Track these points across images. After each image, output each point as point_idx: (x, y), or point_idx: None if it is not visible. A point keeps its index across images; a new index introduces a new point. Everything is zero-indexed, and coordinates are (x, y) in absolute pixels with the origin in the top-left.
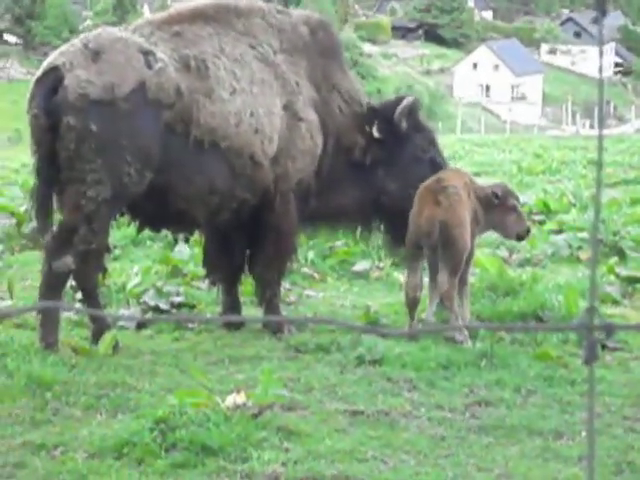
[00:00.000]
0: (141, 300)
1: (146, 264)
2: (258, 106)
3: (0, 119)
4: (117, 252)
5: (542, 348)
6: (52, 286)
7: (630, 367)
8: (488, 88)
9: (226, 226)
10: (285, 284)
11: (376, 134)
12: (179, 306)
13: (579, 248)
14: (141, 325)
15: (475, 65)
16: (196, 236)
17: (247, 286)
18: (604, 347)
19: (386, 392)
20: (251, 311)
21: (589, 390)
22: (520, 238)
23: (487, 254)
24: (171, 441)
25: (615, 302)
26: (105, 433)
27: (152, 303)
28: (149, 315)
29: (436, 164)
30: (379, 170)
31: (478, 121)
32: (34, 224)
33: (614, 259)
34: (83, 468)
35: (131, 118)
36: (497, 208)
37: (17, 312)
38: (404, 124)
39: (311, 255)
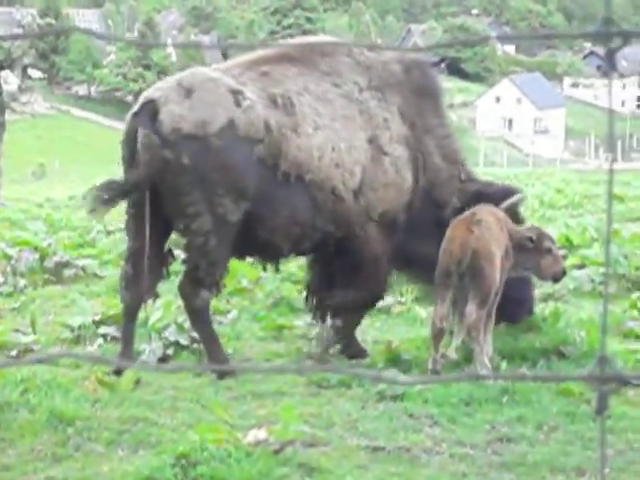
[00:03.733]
0: (163, 335)
1: (168, 299)
2: (339, 141)
3: (24, 153)
4: None
5: (564, 384)
6: (201, 321)
7: None
8: (511, 122)
9: (324, 255)
10: (307, 319)
11: None
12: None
13: (601, 283)
14: (163, 360)
15: (498, 99)
16: None
17: (268, 321)
18: (627, 383)
19: (407, 428)
20: (273, 346)
21: (600, 441)
22: (556, 280)
23: None
24: (192, 477)
25: (638, 337)
26: (126, 469)
27: (173, 338)
28: (170, 351)
29: None
30: None
31: (501, 155)
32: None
33: (637, 294)
34: None
35: (223, 153)
36: (532, 251)
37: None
38: None
39: None
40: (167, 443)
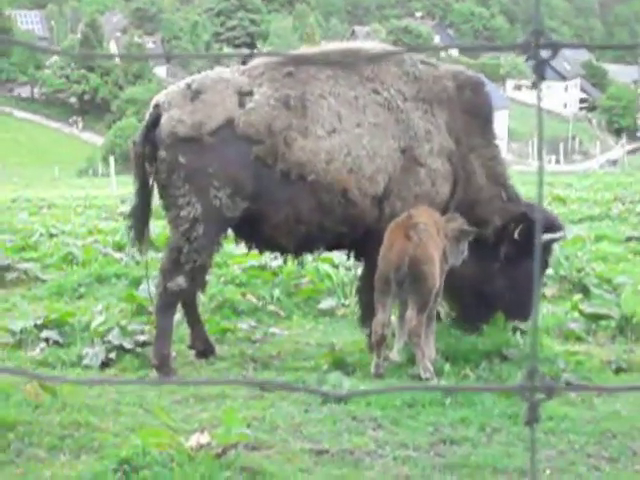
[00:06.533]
0: (105, 339)
1: (110, 302)
2: (359, 147)
3: None
4: (82, 290)
5: (507, 385)
6: (167, 305)
7: (594, 404)
8: None
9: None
10: (250, 322)
11: (516, 236)
12: (143, 345)
13: (543, 285)
14: (105, 364)
15: None
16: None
17: (211, 324)
18: (568, 384)
19: (351, 431)
20: (216, 349)
21: (531, 452)
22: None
23: None
24: None
25: (579, 339)
26: (69, 474)
27: (116, 342)
28: (113, 355)
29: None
30: (497, 263)
31: None
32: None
33: (578, 296)
34: None
35: (217, 150)
36: (459, 241)
37: None
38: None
39: (277, 293)
40: (109, 448)
